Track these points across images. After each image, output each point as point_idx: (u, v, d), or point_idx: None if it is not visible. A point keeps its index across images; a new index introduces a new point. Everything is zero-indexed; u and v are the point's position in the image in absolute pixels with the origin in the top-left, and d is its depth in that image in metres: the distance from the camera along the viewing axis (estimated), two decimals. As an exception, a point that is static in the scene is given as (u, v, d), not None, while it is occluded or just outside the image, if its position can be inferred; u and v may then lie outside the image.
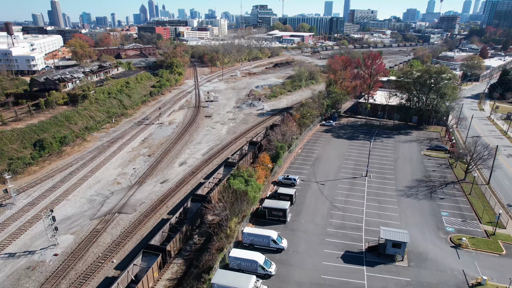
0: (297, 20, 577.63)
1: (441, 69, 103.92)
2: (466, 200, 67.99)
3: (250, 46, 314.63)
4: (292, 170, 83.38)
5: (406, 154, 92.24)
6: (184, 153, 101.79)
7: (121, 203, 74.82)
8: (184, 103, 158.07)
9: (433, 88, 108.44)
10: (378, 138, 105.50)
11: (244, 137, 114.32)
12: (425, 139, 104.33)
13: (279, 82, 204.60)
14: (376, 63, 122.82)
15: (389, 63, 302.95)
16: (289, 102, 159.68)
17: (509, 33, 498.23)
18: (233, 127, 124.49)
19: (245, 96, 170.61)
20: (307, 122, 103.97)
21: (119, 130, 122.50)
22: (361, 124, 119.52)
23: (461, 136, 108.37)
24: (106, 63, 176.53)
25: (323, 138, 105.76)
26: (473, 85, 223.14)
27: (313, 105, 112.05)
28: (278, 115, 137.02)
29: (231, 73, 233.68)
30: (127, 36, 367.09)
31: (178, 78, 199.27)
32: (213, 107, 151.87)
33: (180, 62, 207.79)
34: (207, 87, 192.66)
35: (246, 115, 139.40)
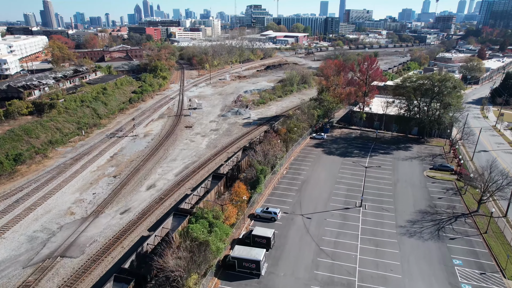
0: (292, 20, 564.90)
1: (445, 77, 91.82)
2: (482, 241, 55.66)
3: (242, 47, 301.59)
4: (274, 198, 70.74)
5: (406, 176, 79.89)
6: (155, 173, 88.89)
7: (68, 242, 61.85)
8: (165, 111, 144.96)
9: (435, 97, 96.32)
10: (374, 154, 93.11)
11: (225, 152, 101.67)
12: (427, 155, 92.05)
13: (270, 86, 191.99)
14: (372, 68, 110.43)
15: (385, 64, 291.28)
16: (279, 110, 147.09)
17: (505, 33, 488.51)
18: (215, 140, 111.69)
19: (231, 103, 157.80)
20: (294, 137, 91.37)
21: (88, 143, 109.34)
22: (356, 137, 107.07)
23: (467, 152, 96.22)
24: (83, 67, 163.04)
25: (312, 154, 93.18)
26: (473, 89, 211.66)
27: (301, 116, 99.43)
28: (265, 125, 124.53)
29: (220, 76, 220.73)
30: (115, 37, 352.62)
31: (162, 82, 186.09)
32: (196, 115, 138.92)
33: (164, 66, 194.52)
34: (193, 92, 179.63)
35: (231, 125, 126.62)
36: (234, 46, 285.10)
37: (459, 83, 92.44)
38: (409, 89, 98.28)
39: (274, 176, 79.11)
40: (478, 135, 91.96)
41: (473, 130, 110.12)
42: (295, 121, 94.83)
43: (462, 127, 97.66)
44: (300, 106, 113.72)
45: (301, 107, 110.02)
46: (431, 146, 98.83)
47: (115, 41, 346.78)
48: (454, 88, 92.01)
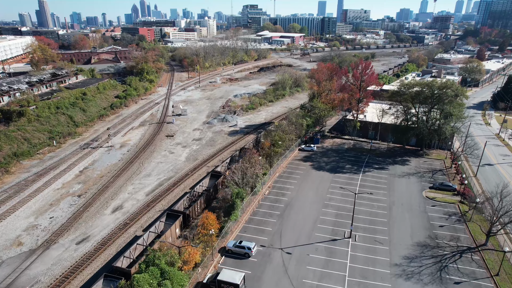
0: (288, 20, 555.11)
1: (445, 84, 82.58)
2: (494, 286, 46.51)
3: (236, 48, 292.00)
4: (252, 226, 61.39)
5: (403, 197, 70.68)
6: (125, 192, 79.50)
7: (4, 285, 52.43)
8: (147, 118, 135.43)
9: (435, 106, 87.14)
10: (368, 169, 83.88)
11: (206, 166, 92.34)
12: (427, 171, 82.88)
13: (262, 90, 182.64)
14: (367, 73, 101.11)
15: (382, 66, 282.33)
16: (269, 116, 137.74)
17: (504, 33, 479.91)
18: (196, 152, 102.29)
19: (219, 108, 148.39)
20: (279, 151, 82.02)
21: (58, 155, 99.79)
22: (349, 148, 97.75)
23: (470, 166, 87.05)
24: (63, 70, 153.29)
25: (300, 170, 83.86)
26: (473, 92, 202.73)
27: (288, 128, 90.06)
28: (252, 133, 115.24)
29: (211, 79, 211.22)
30: (107, 38, 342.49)
31: (148, 86, 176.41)
32: (180, 122, 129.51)
33: (151, 68, 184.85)
34: (180, 96, 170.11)
35: (215, 134, 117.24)
36: (227, 47, 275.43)
37: (461, 91, 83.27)
38: (406, 96, 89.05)
39: (254, 197, 69.83)
40: (483, 149, 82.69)
41: (477, 142, 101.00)
42: (281, 133, 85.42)
43: (465, 139, 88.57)
44: (286, 116, 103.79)
45: (288, 117, 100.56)
46: (431, 159, 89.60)
47: (106, 41, 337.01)
48: (456, 96, 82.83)
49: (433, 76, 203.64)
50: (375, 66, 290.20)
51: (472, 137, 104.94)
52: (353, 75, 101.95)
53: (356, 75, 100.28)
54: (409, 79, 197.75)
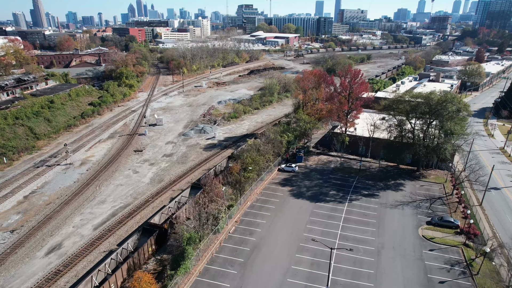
0: (283, 20, 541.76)
1: (446, 97, 70.19)
2: None
3: (226, 49, 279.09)
4: (206, 281, 48.93)
5: (395, 236, 58.34)
6: (69, 225, 67.02)
7: None
8: (118, 129, 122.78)
9: (434, 122, 74.85)
10: (356, 196, 71.54)
11: (171, 189, 79.90)
12: (424, 199, 70.62)
13: (249, 95, 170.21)
14: (356, 82, 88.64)
15: (378, 68, 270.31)
16: (252, 126, 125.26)
17: (503, 34, 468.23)
18: (163, 171, 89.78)
19: (200, 117, 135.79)
20: (251, 176, 69.57)
21: (5, 175, 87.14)
22: (335, 168, 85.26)
23: (475, 192, 74.64)
24: (30, 75, 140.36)
25: (276, 197, 71.46)
26: (473, 96, 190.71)
27: (264, 147, 77.62)
28: (230, 148, 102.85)
29: (196, 83, 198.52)
30: (94, 39, 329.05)
31: (127, 91, 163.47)
32: (153, 134, 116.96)
33: (131, 72, 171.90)
34: (160, 103, 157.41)
35: (190, 148, 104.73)
36: (217, 48, 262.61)
37: (464, 106, 70.89)
38: (400, 110, 76.65)
39: (216, 236, 57.46)
40: (490, 174, 70.20)
41: (480, 160, 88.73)
42: (254, 154, 72.94)
43: (467, 160, 76.22)
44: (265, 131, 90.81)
45: (265, 133, 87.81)
46: (429, 183, 77.23)
47: (94, 42, 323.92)
48: (458, 111, 70.53)
49: (431, 80, 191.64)
50: (370, 68, 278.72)
51: (474, 152, 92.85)
52: (340, 84, 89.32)
53: (344, 84, 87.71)
54: (405, 83, 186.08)
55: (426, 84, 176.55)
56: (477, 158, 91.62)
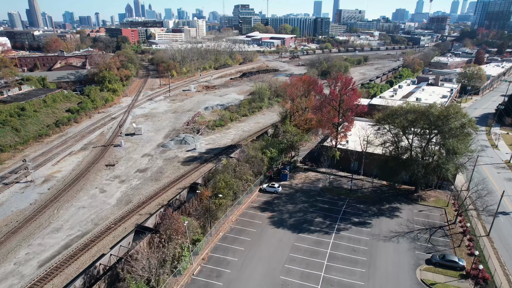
0: (280, 20, 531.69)
1: (448, 111, 60.61)
2: None
3: (219, 51, 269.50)
4: None
5: (389, 280, 48.87)
6: (11, 261, 57.41)
7: None
8: (94, 139, 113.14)
9: (433, 139, 65.47)
10: (344, 224, 62.15)
11: (137, 213, 70.41)
12: (423, 228, 61.25)
13: (239, 99, 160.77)
14: (347, 91, 79.12)
15: (375, 70, 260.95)
16: (238, 135, 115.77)
17: (502, 35, 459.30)
18: (134, 190, 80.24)
19: (183, 125, 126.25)
20: (224, 203, 60.03)
21: (-44, 195, 77.60)
22: (324, 189, 75.75)
23: (481, 219, 65.21)
24: (1, 80, 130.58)
25: (254, 226, 62.02)
26: (474, 101, 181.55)
27: (240, 168, 68.13)
28: (212, 161, 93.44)
29: (185, 87, 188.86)
30: (85, 39, 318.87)
31: (110, 97, 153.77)
32: (130, 145, 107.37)
33: (114, 76, 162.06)
34: (143, 109, 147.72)
35: (167, 162, 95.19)
36: (209, 50, 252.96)
37: (470, 122, 61.38)
38: (397, 124, 67.13)
39: (176, 279, 48.02)
40: (500, 201, 60.63)
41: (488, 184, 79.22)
42: (229, 176, 63.37)
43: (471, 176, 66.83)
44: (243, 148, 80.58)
45: (243, 150, 78.00)
46: (428, 207, 67.84)
47: (84, 42, 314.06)
48: (462, 127, 61.12)
49: (429, 83, 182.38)
50: (367, 70, 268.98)
51: (478, 167, 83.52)
52: (330, 94, 79.64)
53: (333, 94, 78.11)
54: (403, 87, 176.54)
55: (424, 88, 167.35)
56: (481, 174, 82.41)
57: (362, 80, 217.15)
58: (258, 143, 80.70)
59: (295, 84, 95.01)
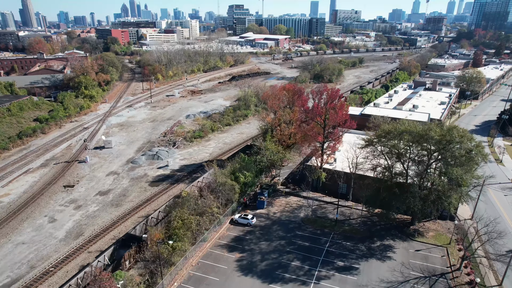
0: (274, 21, 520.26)
1: (451, 134, 49.37)
2: None
3: (209, 52, 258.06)
4: None
5: None
6: None
7: None
8: (58, 153, 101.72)
9: (433, 165, 54.68)
10: (326, 271, 51.16)
11: (87, 250, 59.33)
12: (421, 276, 50.50)
13: (225, 106, 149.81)
14: (334, 104, 68.12)
15: (371, 73, 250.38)
16: (218, 148, 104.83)
17: (499, 36, 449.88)
18: (89, 218, 69.12)
19: (159, 136, 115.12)
20: (180, 247, 48.88)
21: None
22: (305, 219, 64.79)
23: (491, 263, 54.39)
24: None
25: (217, 273, 50.94)
26: (473, 106, 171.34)
27: (201, 202, 57.08)
28: (184, 181, 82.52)
29: (169, 92, 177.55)
30: (73, 41, 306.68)
31: (85, 104, 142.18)
32: (97, 161, 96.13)
33: (91, 81, 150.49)
34: (120, 117, 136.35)
35: (133, 182, 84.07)
36: (198, 52, 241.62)
37: (477, 148, 50.48)
38: (390, 147, 56.24)
39: None
40: None
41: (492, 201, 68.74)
42: (187, 211, 52.21)
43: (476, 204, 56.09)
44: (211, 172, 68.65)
45: (208, 177, 66.23)
46: (427, 245, 56.99)
47: (72, 44, 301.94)
48: (468, 153, 50.33)
49: (427, 88, 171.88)
50: (362, 73, 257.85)
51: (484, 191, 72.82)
52: (313, 109, 68.42)
53: (317, 110, 66.98)
54: (399, 92, 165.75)
55: (422, 93, 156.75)
56: (487, 198, 71.74)
57: (357, 84, 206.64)
58: (230, 165, 69.50)
59: (278, 94, 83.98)
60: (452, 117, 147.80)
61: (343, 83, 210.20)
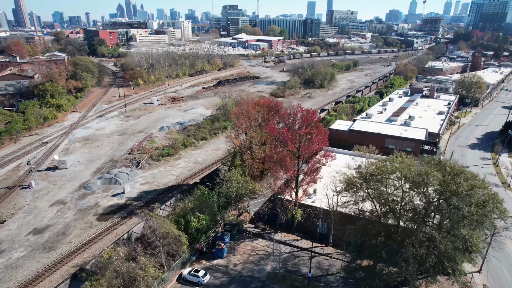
0: (269, 22, 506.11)
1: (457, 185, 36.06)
2: None
3: (198, 55, 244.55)
4: None
5: None
6: None
7: None
8: (1, 176, 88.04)
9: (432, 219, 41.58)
10: None
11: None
12: None
13: (205, 116, 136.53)
14: (309, 129, 54.78)
15: (365, 77, 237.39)
16: (187, 169, 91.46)
17: (497, 37, 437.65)
18: (8, 269, 55.54)
19: (125, 153, 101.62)
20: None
21: None
22: (272, 276, 51.22)
23: None
24: None
25: None
26: (473, 115, 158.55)
27: (138, 263, 43.81)
28: (135, 215, 69.10)
29: (147, 99, 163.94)
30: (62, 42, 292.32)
31: (51, 114, 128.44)
32: (44, 186, 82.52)
33: (59, 89, 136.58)
34: (87, 129, 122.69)
35: (80, 215, 70.63)
36: (183, 54, 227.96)
37: (493, 200, 37.18)
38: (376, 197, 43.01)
39: None
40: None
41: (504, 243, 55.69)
42: (119, 272, 38.67)
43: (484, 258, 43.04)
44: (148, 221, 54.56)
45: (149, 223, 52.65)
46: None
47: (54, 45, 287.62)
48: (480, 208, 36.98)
49: (424, 95, 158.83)
50: (356, 77, 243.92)
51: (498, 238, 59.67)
52: (284, 135, 54.66)
53: (287, 137, 53.30)
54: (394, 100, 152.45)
55: (418, 101, 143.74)
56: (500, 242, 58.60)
57: (350, 90, 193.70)
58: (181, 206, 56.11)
59: (242, 112, 70.57)
60: (451, 127, 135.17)
61: (335, 88, 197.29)
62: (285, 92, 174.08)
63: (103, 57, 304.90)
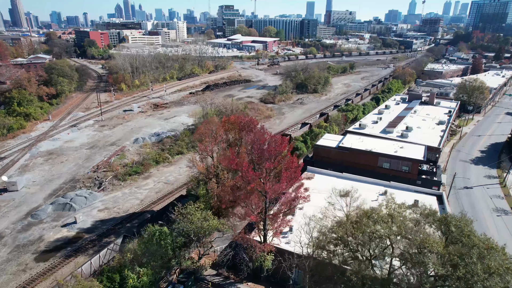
0: (265, 22, 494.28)
1: (465, 264, 25.96)
2: None
3: (188, 57, 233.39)
4: None
5: None
6: None
7: None
8: None
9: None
10: None
11: None
12: None
13: (186, 125, 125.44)
14: (276, 163, 43.50)
15: (362, 80, 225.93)
16: (155, 190, 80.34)
17: (498, 38, 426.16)
18: None
19: (90, 170, 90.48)
20: None
21: None
22: None
23: None
24: None
25: None
26: (476, 122, 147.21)
27: None
28: (87, 251, 58.05)
29: (127, 106, 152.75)
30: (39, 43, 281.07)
31: (17, 124, 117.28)
32: (-14, 213, 71.52)
33: (27, 96, 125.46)
34: (55, 141, 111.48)
35: (17, 252, 59.45)
36: (170, 56, 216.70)
37: None
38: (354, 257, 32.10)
39: None
40: None
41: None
42: None
43: None
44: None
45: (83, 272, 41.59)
46: None
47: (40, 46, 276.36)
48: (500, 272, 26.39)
49: (423, 102, 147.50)
50: (352, 80, 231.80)
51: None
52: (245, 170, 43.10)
53: (246, 171, 41.87)
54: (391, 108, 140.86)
55: (417, 109, 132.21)
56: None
57: (345, 95, 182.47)
58: (118, 257, 45.12)
59: (205, 131, 59.36)
60: (452, 138, 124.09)
61: (329, 93, 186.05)
62: (275, 98, 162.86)
63: (93, 59, 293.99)
